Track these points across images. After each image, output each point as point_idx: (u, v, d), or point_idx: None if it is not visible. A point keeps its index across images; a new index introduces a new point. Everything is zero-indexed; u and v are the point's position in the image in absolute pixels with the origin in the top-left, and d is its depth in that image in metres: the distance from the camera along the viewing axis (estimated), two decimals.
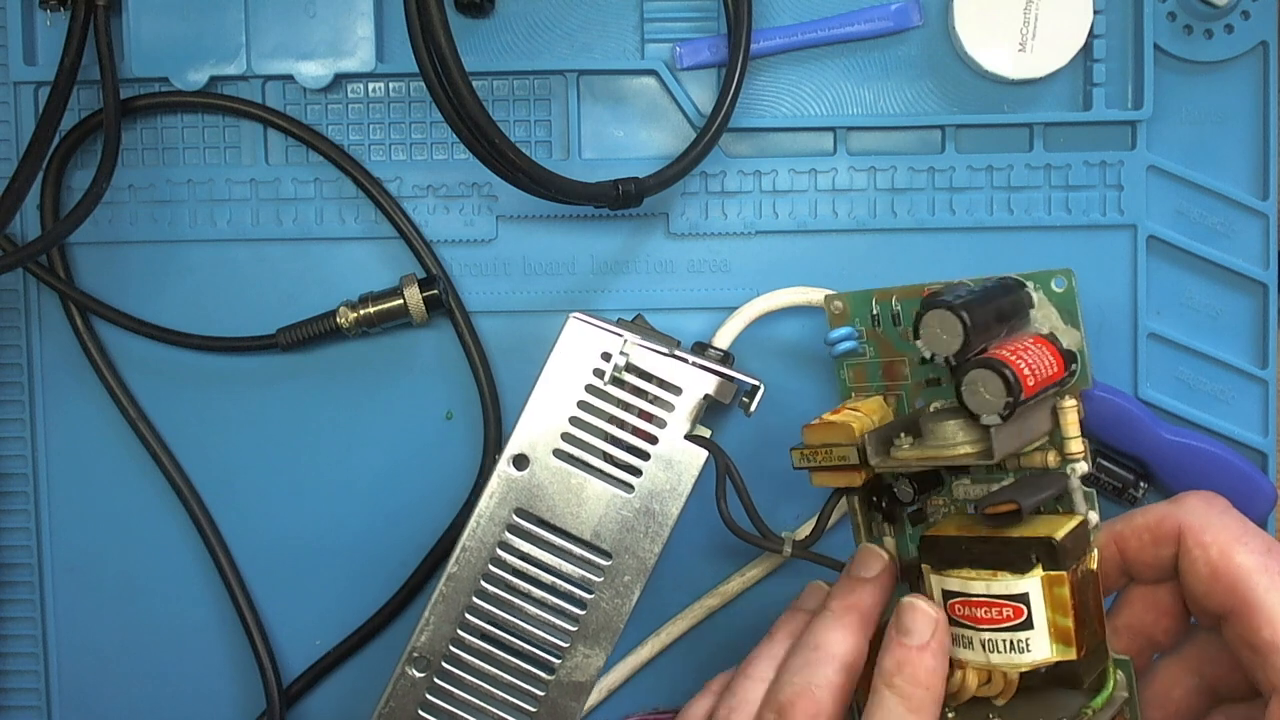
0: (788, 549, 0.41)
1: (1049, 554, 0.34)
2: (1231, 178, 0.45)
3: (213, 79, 0.45)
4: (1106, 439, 0.44)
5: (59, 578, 0.46)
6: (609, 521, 0.38)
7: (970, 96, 0.45)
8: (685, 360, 0.38)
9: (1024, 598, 0.34)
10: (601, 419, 0.38)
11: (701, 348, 0.41)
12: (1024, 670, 0.34)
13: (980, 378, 0.34)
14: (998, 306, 0.35)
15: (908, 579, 0.39)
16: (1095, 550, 0.35)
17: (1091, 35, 0.44)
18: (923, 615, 0.34)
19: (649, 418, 0.38)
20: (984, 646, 0.34)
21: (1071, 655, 0.34)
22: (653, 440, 0.38)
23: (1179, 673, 0.35)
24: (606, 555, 0.39)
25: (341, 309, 0.44)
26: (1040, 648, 0.34)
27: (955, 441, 0.35)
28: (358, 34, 0.44)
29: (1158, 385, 0.45)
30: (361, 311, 0.43)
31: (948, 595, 0.35)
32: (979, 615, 0.34)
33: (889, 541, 0.39)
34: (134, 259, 0.46)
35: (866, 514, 0.40)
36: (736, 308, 0.44)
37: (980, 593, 0.34)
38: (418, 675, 0.39)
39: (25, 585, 0.46)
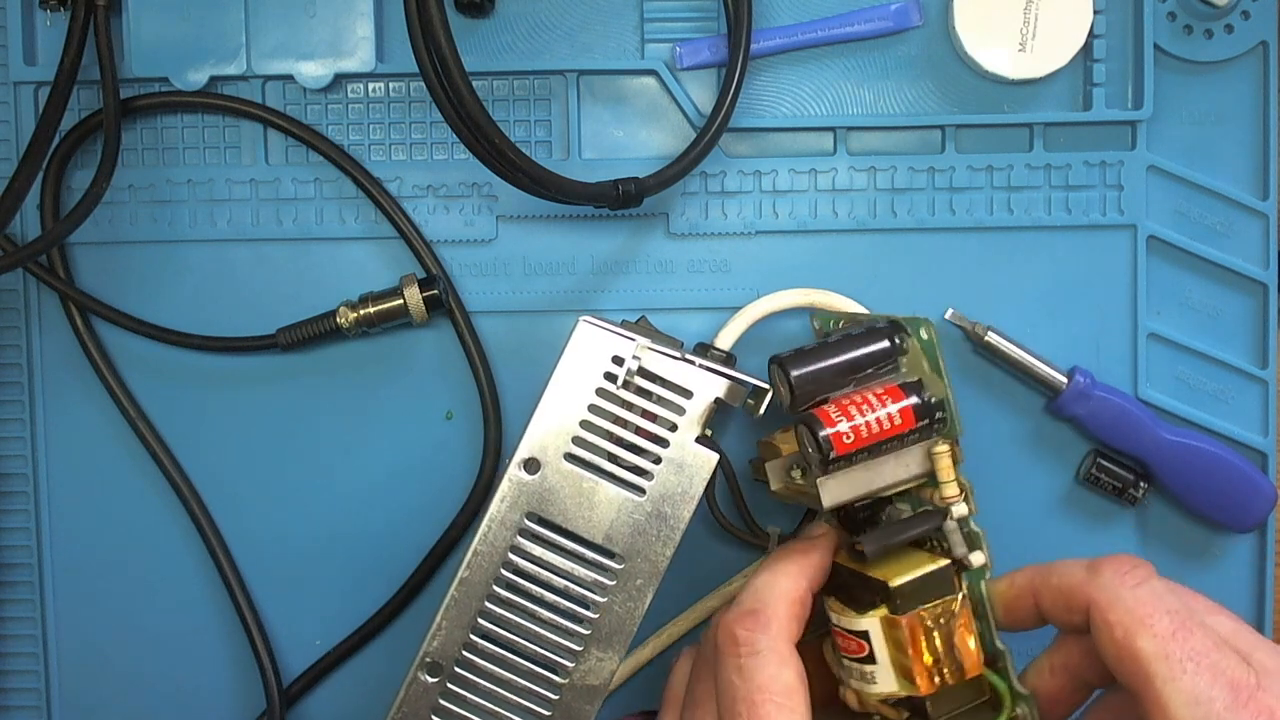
0: (773, 544, 0.42)
1: (887, 597, 0.35)
2: (1231, 178, 0.45)
3: (213, 79, 0.45)
4: (1106, 439, 0.44)
5: (59, 578, 0.46)
6: (621, 525, 0.38)
7: (970, 96, 0.45)
8: (695, 363, 0.38)
9: (865, 635, 0.35)
10: (612, 423, 0.38)
11: (704, 349, 0.41)
12: (877, 699, 0.36)
13: (802, 433, 0.36)
14: (846, 361, 0.36)
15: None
16: (962, 594, 0.35)
17: (1091, 35, 0.44)
18: (818, 526, 0.40)
19: (660, 421, 0.38)
20: (848, 672, 0.36)
21: (916, 691, 0.35)
22: (663, 443, 0.38)
23: (1126, 698, 0.35)
24: (619, 559, 0.38)
25: (341, 309, 0.44)
26: (885, 681, 0.35)
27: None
28: (358, 34, 0.44)
29: (1158, 385, 0.45)
30: (361, 311, 0.43)
31: (828, 619, 0.37)
32: (839, 643, 0.36)
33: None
34: (134, 259, 0.46)
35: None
36: (737, 308, 0.44)
37: (836, 624, 0.36)
38: (430, 680, 0.39)
39: (25, 585, 0.46)
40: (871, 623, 0.35)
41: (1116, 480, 0.44)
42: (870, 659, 0.36)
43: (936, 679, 0.35)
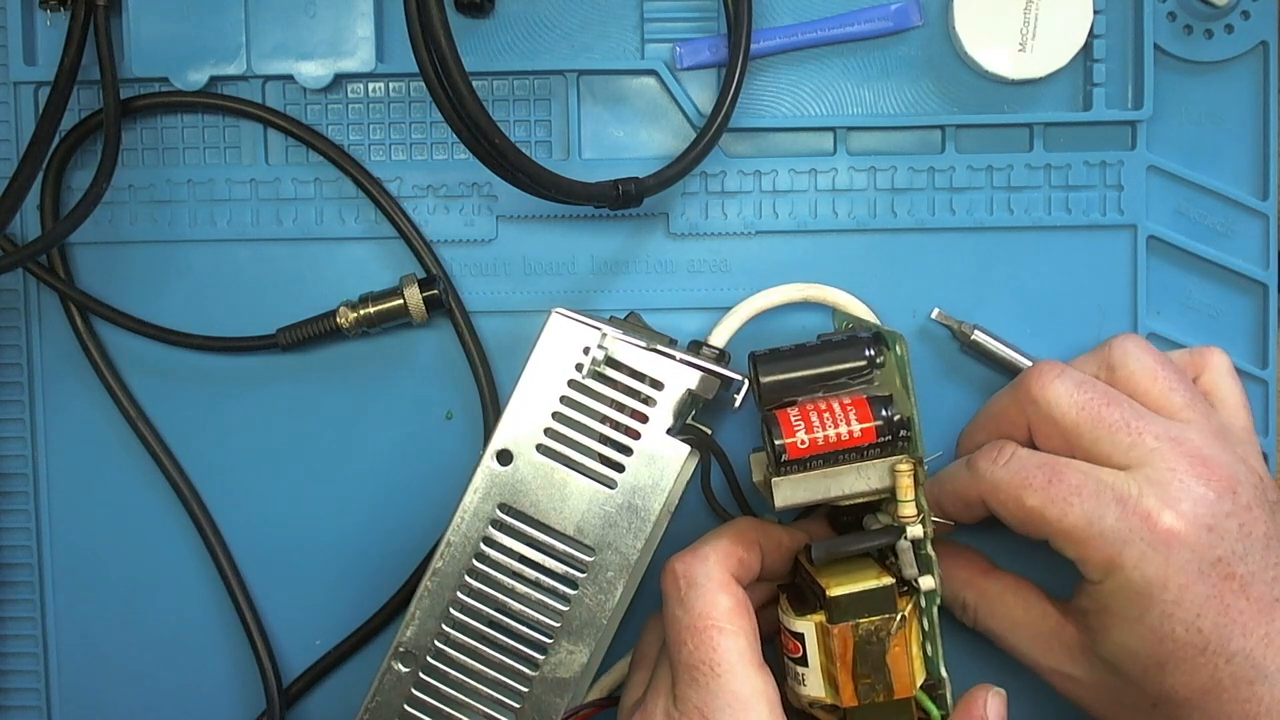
0: None
1: (824, 604, 0.36)
2: (1231, 178, 0.45)
3: (213, 79, 0.45)
4: None
5: (59, 578, 0.46)
6: (591, 517, 0.38)
7: (970, 96, 0.45)
8: (665, 355, 0.38)
9: (801, 637, 0.36)
10: (584, 415, 0.39)
11: (697, 346, 0.41)
12: (806, 701, 0.37)
13: (763, 432, 0.37)
14: (820, 372, 0.37)
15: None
16: (901, 615, 0.36)
17: (1091, 35, 0.44)
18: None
19: (632, 414, 0.38)
20: (785, 670, 0.37)
21: (839, 701, 0.36)
22: (636, 436, 0.38)
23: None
24: (590, 551, 0.39)
25: (341, 309, 0.44)
26: (814, 685, 0.36)
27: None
28: (358, 34, 0.44)
29: None
30: (361, 311, 0.43)
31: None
32: (780, 640, 0.37)
33: None
34: (134, 259, 0.46)
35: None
36: None
37: (780, 620, 0.37)
38: (403, 670, 0.40)
39: (25, 585, 0.46)
40: (807, 626, 0.36)
41: None
42: (803, 661, 0.36)
43: (861, 693, 0.35)
